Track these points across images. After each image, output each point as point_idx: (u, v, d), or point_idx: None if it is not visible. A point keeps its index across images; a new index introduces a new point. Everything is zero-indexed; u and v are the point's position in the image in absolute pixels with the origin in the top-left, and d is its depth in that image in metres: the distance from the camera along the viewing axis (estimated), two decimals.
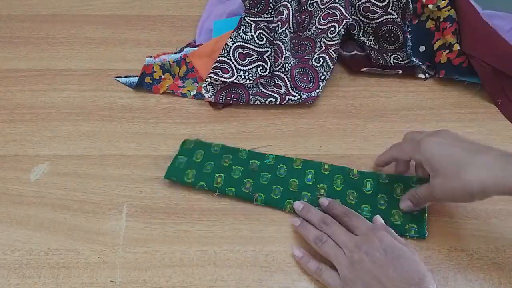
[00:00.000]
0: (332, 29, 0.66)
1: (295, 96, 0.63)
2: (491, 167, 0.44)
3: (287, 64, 0.64)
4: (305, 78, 0.65)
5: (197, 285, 0.48)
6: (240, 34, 0.67)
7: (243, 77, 0.65)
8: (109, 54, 0.72)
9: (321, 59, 0.66)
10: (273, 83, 0.65)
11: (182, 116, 0.64)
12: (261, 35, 0.68)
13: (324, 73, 0.66)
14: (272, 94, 0.64)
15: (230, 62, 0.65)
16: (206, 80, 0.63)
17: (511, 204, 0.54)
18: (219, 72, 0.63)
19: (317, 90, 0.64)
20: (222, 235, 0.52)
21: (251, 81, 0.64)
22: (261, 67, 0.66)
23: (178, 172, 0.55)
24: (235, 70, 0.65)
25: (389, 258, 0.45)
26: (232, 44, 0.66)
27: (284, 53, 0.64)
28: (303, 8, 0.71)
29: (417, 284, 0.43)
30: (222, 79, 0.63)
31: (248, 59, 0.66)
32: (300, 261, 0.50)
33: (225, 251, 0.51)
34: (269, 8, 0.70)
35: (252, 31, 0.68)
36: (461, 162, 0.45)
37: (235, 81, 0.64)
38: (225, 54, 0.65)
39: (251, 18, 0.69)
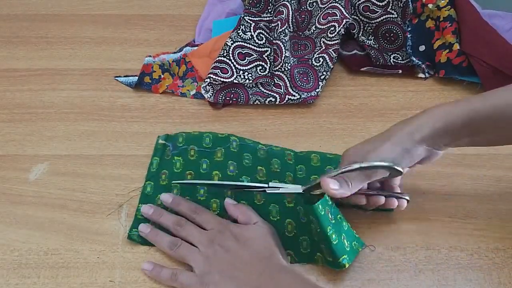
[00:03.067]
0: (332, 28, 0.66)
1: (294, 95, 0.63)
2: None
3: (286, 64, 0.64)
4: (305, 78, 0.65)
5: None
6: (240, 34, 0.67)
7: (242, 77, 0.64)
8: (109, 54, 0.72)
9: (320, 58, 0.66)
10: (272, 83, 0.65)
11: (182, 115, 0.64)
12: (261, 35, 0.68)
13: (324, 73, 0.66)
14: (272, 93, 0.64)
15: (230, 62, 0.65)
16: (206, 80, 0.63)
17: (511, 204, 0.54)
18: (218, 72, 0.63)
19: (317, 90, 0.64)
20: None
21: (251, 81, 0.64)
22: (260, 67, 0.66)
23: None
24: (234, 70, 0.65)
25: (240, 243, 0.47)
26: (232, 43, 0.66)
27: (284, 52, 0.64)
28: (303, 7, 0.70)
29: (268, 258, 0.46)
30: (222, 79, 0.63)
31: (247, 59, 0.66)
32: (151, 274, 0.48)
33: None
34: (269, 7, 0.70)
35: (252, 30, 0.68)
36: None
37: (235, 81, 0.63)
38: (225, 54, 0.65)
39: (250, 18, 0.69)
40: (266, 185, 0.50)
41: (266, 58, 0.67)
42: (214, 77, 0.62)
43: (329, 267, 0.48)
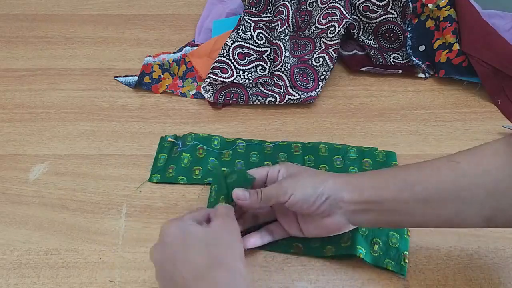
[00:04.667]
0: (332, 28, 0.66)
1: (294, 95, 0.63)
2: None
3: (286, 64, 0.64)
4: (305, 78, 0.65)
5: None
6: (240, 34, 0.67)
7: (242, 77, 0.65)
8: (108, 54, 0.72)
9: (320, 58, 0.66)
10: (272, 83, 0.65)
11: (182, 115, 0.64)
12: (261, 35, 0.68)
13: (324, 73, 0.66)
14: (272, 93, 0.64)
15: (230, 62, 0.65)
16: (206, 80, 0.63)
17: None
18: (218, 72, 0.63)
19: (317, 90, 0.64)
20: None
21: (251, 81, 0.64)
22: (260, 67, 0.66)
23: (160, 171, 0.57)
24: (234, 70, 0.65)
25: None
26: (232, 43, 0.66)
27: (284, 52, 0.64)
28: (303, 7, 0.70)
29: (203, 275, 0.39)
30: (222, 79, 0.63)
31: (247, 59, 0.66)
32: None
33: None
34: (269, 7, 0.70)
35: (252, 30, 0.68)
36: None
37: (235, 81, 0.63)
38: (225, 54, 0.65)
39: (250, 18, 0.69)
40: None
41: (266, 58, 0.67)
42: (214, 77, 0.62)
43: (339, 254, 0.48)
